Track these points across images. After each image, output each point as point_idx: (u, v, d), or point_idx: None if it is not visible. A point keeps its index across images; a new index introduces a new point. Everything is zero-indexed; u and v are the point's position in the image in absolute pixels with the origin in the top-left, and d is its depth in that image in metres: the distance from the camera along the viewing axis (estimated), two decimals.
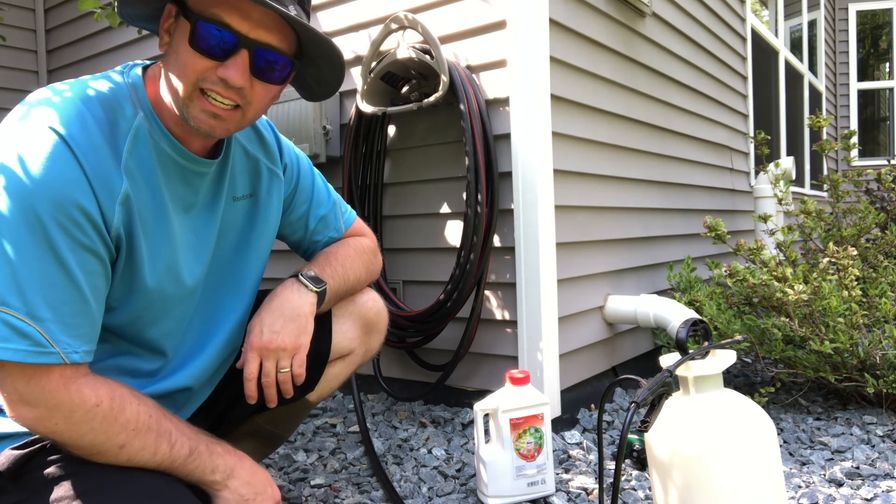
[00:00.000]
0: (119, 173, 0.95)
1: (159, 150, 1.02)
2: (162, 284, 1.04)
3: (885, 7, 7.56)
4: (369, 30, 2.27)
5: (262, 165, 1.22)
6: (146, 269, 1.01)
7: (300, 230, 1.34)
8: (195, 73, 0.96)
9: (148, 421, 0.96)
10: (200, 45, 0.94)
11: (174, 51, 0.98)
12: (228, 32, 0.94)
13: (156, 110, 1.02)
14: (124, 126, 0.98)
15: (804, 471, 1.70)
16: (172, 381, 1.12)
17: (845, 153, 4.17)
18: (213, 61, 0.95)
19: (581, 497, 1.54)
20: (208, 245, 1.13)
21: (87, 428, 0.92)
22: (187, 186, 1.07)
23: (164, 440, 0.96)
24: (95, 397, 0.92)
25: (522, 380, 1.54)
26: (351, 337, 1.35)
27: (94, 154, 0.92)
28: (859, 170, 3.08)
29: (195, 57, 0.95)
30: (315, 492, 1.61)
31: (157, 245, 1.02)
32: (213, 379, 1.23)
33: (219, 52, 0.95)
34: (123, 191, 0.95)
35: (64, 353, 0.89)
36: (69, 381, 0.90)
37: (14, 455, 0.94)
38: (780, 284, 2.09)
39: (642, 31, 2.59)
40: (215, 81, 0.96)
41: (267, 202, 1.22)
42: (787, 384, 2.37)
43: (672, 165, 2.90)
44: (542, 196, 1.95)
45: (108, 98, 0.98)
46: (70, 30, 3.57)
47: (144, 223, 0.99)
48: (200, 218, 1.11)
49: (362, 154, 2.25)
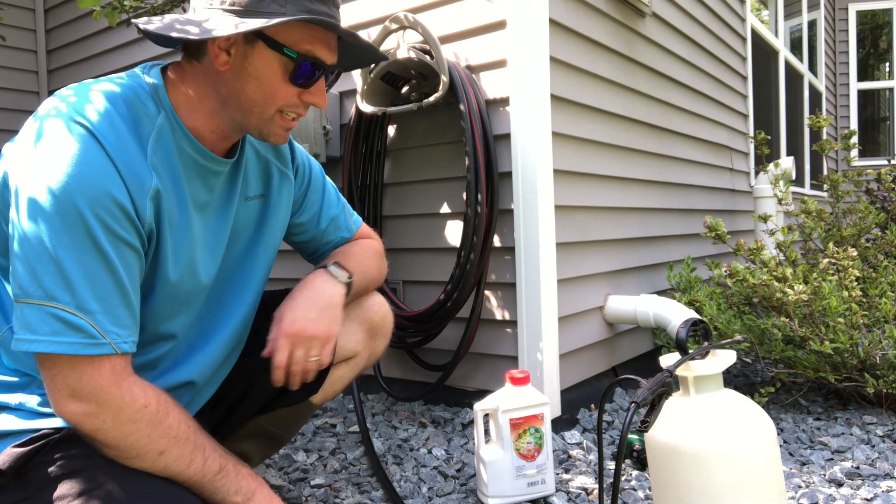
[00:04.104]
0: (147, 168, 0.97)
1: (180, 149, 1.04)
2: (182, 280, 1.06)
3: (885, 7, 7.56)
4: (369, 30, 2.27)
5: (272, 167, 1.24)
6: (170, 265, 1.02)
7: (311, 230, 1.34)
8: (282, 99, 1.04)
9: (187, 431, 0.97)
10: (299, 82, 1.03)
11: (250, 77, 1.02)
12: (321, 64, 1.04)
13: (178, 111, 1.04)
14: (148, 124, 1.00)
15: (804, 471, 1.70)
16: (176, 375, 1.12)
17: (845, 153, 4.18)
18: (301, 88, 1.04)
19: (581, 497, 1.54)
20: (222, 243, 1.14)
21: (133, 428, 0.92)
22: (204, 185, 1.09)
23: (200, 453, 0.97)
24: (144, 398, 0.93)
25: (522, 380, 1.54)
26: (356, 340, 1.36)
27: (122, 149, 0.94)
28: (859, 170, 3.08)
29: (289, 88, 1.03)
30: (315, 492, 1.61)
31: (180, 241, 1.04)
32: (217, 377, 1.23)
33: (309, 82, 1.04)
34: (154, 186, 0.97)
35: (115, 344, 0.90)
36: (120, 377, 0.92)
37: (16, 453, 0.94)
38: (780, 284, 2.09)
39: (642, 31, 2.59)
40: (298, 105, 1.06)
41: (277, 203, 1.24)
42: (787, 384, 2.37)
43: (672, 165, 2.90)
44: (542, 196, 1.95)
45: (130, 96, 1.00)
46: (70, 30, 3.57)
47: (171, 219, 1.01)
48: (215, 216, 1.12)
49: (362, 154, 2.25)
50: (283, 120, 1.06)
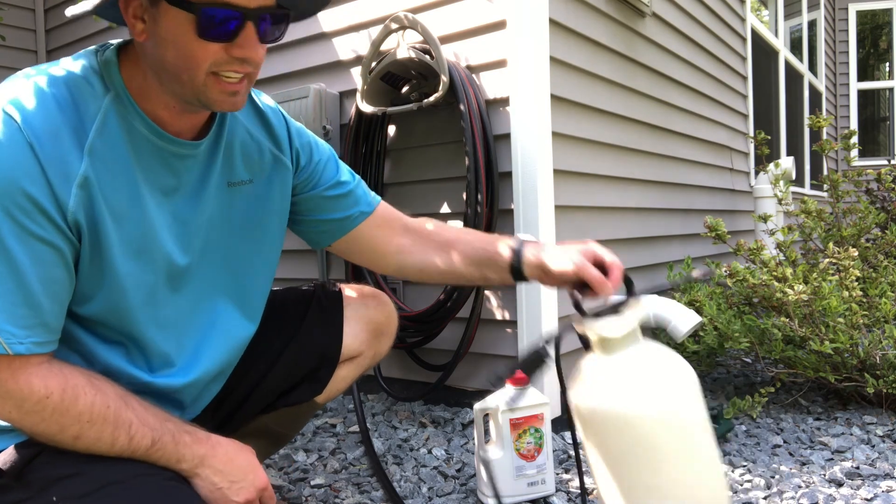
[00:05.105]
0: (79, 155, 0.92)
1: (132, 131, 0.98)
2: (137, 271, 1.00)
3: (885, 7, 7.56)
4: (369, 30, 2.27)
5: (265, 150, 1.17)
6: (116, 255, 0.97)
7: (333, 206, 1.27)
8: (206, 60, 0.93)
9: (104, 412, 0.93)
10: (211, 34, 0.91)
11: (166, 42, 0.93)
12: (233, 11, 0.90)
13: (132, 91, 0.98)
14: (93, 106, 0.95)
15: (804, 471, 1.70)
16: (178, 376, 1.09)
17: (845, 153, 4.18)
18: (223, 43, 0.93)
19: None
20: (197, 232, 1.08)
21: (39, 418, 0.91)
22: (167, 168, 1.03)
23: (123, 431, 0.94)
24: (45, 389, 0.90)
25: (522, 380, 1.54)
26: (361, 339, 1.35)
27: (50, 137, 0.89)
28: (859, 170, 3.08)
29: (205, 45, 0.92)
30: (315, 492, 1.60)
31: (129, 228, 0.98)
32: (222, 375, 1.20)
33: (229, 33, 0.92)
34: (81, 173, 0.91)
35: (7, 344, 0.87)
36: (17, 372, 0.89)
37: (17, 453, 0.94)
38: (780, 284, 2.09)
39: (642, 31, 2.59)
40: (230, 62, 0.94)
41: (269, 190, 1.18)
42: (787, 384, 2.37)
43: (672, 165, 2.90)
44: (542, 196, 1.95)
45: (76, 78, 0.95)
46: (70, 30, 3.57)
47: (112, 205, 0.96)
48: (185, 202, 1.06)
49: (362, 154, 2.25)
50: (220, 83, 0.95)
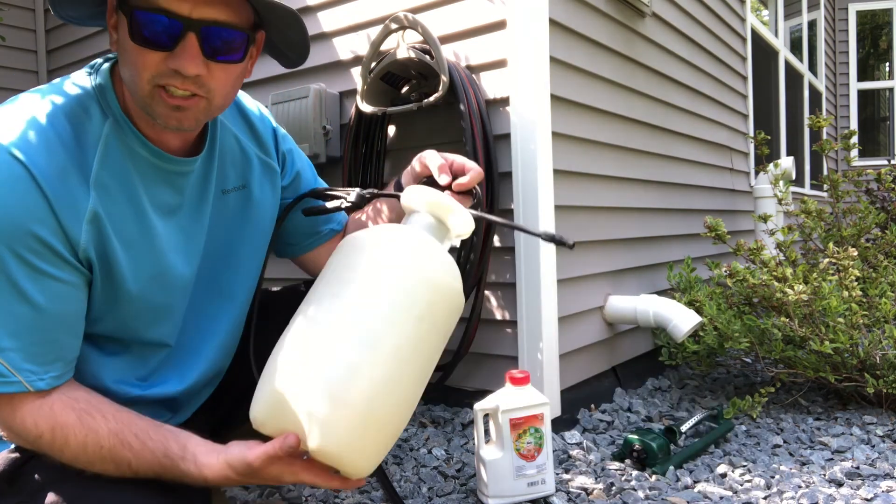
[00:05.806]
0: (86, 190, 0.91)
1: (134, 156, 0.97)
2: (148, 293, 1.01)
3: (885, 7, 7.56)
4: (369, 30, 2.27)
5: (253, 156, 1.17)
6: (128, 280, 0.98)
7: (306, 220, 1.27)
8: (146, 69, 0.88)
9: (99, 452, 0.91)
10: (143, 36, 0.86)
11: (122, 49, 0.90)
12: (168, 17, 0.85)
13: (126, 112, 0.97)
14: (93, 136, 0.93)
15: (804, 471, 1.70)
16: (172, 383, 1.11)
17: (845, 153, 4.18)
18: (162, 52, 0.87)
19: (581, 497, 1.54)
20: (198, 243, 1.09)
21: (43, 452, 0.92)
22: (171, 187, 1.02)
23: (125, 467, 0.92)
24: (36, 429, 0.90)
25: (522, 380, 1.54)
26: None
27: (57, 177, 0.88)
28: (859, 170, 3.08)
29: (140, 52, 0.87)
30: (315, 492, 1.60)
31: (140, 254, 0.99)
32: (216, 377, 1.21)
33: (164, 41, 0.86)
34: (90, 208, 0.91)
35: (27, 382, 0.88)
36: (16, 409, 0.90)
37: (10, 458, 0.94)
38: (780, 284, 2.09)
39: (642, 31, 2.59)
40: (169, 73, 0.88)
41: (260, 194, 1.18)
42: (787, 384, 2.37)
43: (672, 165, 2.90)
44: (542, 196, 1.95)
45: (74, 108, 0.93)
46: (70, 30, 3.57)
47: (122, 234, 0.96)
48: (189, 217, 1.06)
49: (362, 154, 2.25)
50: (164, 96, 0.90)
